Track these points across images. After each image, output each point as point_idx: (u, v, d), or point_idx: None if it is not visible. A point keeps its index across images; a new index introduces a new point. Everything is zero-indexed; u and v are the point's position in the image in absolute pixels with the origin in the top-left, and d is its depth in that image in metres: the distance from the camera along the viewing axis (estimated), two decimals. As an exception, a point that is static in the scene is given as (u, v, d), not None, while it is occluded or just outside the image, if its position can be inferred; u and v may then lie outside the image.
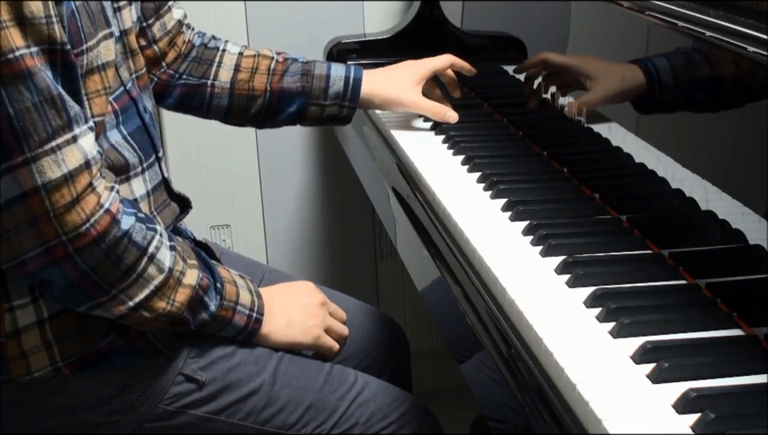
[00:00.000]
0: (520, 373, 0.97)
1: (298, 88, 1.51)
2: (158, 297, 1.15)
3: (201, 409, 1.23)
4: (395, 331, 1.60)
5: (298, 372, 1.29)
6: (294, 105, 1.52)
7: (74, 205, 1.07)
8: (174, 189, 1.34)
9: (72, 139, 1.08)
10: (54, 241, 1.08)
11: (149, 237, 1.14)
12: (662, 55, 1.18)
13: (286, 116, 1.53)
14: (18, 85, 1.03)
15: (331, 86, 1.52)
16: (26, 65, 1.03)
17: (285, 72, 1.51)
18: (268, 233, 2.31)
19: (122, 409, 1.21)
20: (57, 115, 1.06)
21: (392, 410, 1.33)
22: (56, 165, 1.06)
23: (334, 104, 1.53)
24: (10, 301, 1.16)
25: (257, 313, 1.27)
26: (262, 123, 1.55)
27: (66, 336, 1.17)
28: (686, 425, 0.82)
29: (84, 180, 1.08)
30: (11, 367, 1.17)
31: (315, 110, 1.53)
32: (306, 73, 1.51)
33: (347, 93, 1.52)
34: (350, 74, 1.53)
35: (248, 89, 1.50)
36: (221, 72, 1.51)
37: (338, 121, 1.56)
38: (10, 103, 1.03)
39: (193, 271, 1.19)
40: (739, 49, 1.02)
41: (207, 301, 1.20)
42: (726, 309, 1.01)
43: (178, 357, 1.23)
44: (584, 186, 1.33)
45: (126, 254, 1.12)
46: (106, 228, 1.10)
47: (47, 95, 1.05)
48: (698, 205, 1.10)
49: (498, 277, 1.09)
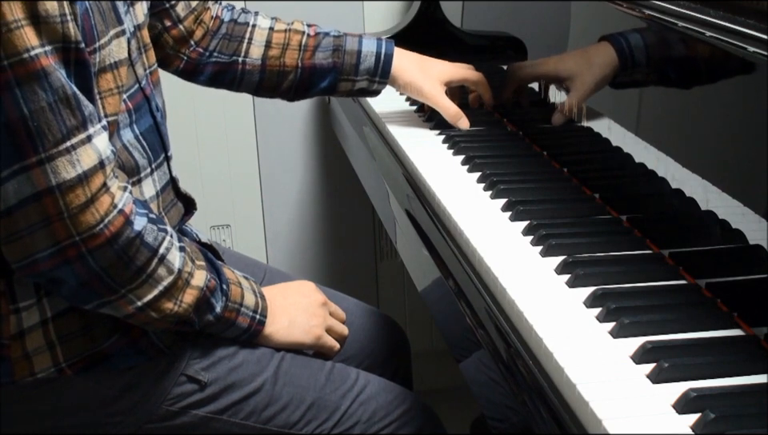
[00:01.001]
0: (520, 372, 0.97)
1: (330, 64, 1.52)
2: (166, 298, 1.15)
3: (203, 410, 1.23)
4: (396, 331, 1.60)
5: (300, 371, 1.30)
6: (326, 80, 1.53)
7: (88, 206, 1.07)
8: (180, 189, 1.35)
9: (86, 139, 1.07)
10: (66, 241, 1.07)
11: (160, 238, 1.14)
12: (636, 31, 1.18)
13: (318, 90, 1.55)
14: (32, 85, 1.03)
15: (362, 62, 1.53)
16: (41, 64, 1.03)
17: (316, 48, 1.52)
18: (268, 233, 2.31)
19: (125, 410, 1.21)
20: (71, 115, 1.06)
21: (393, 408, 1.33)
22: (71, 165, 1.06)
23: (364, 79, 1.55)
24: (16, 302, 1.16)
25: (260, 314, 1.27)
26: (294, 96, 1.57)
27: (69, 336, 1.17)
28: (686, 425, 0.82)
29: (98, 180, 1.08)
30: (15, 368, 1.17)
31: (346, 85, 1.55)
32: (337, 49, 1.52)
33: (378, 69, 1.54)
34: (381, 50, 1.54)
35: (280, 66, 1.51)
36: (252, 49, 1.51)
37: (369, 93, 1.58)
38: (25, 103, 1.03)
39: (201, 272, 1.19)
40: (739, 49, 1.02)
41: (213, 302, 1.20)
42: (725, 309, 1.01)
43: (181, 358, 1.23)
44: (584, 186, 1.34)
45: (138, 255, 1.12)
46: (120, 229, 1.09)
47: (62, 95, 1.05)
48: (698, 205, 1.10)
49: (498, 277, 1.09)
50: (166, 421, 1.23)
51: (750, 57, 1.00)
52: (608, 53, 1.18)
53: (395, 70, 1.55)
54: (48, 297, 1.16)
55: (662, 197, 1.18)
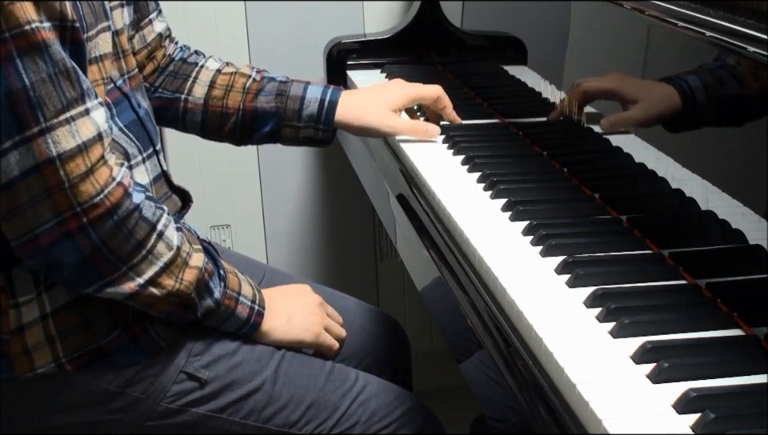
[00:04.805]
0: (520, 372, 0.97)
1: (272, 108, 1.47)
2: (166, 274, 1.16)
3: (203, 407, 1.24)
4: (396, 331, 1.60)
5: (300, 370, 1.30)
6: (267, 125, 1.48)
7: (87, 176, 1.09)
8: (173, 183, 1.35)
9: (85, 112, 1.09)
10: (68, 212, 1.09)
11: (158, 214, 1.16)
12: (692, 72, 1.16)
13: (261, 135, 1.49)
14: (33, 56, 1.05)
15: (305, 108, 1.47)
16: (41, 36, 1.05)
17: (259, 91, 1.48)
18: (268, 233, 2.31)
19: (124, 407, 1.21)
20: (71, 87, 1.08)
21: (393, 409, 1.34)
22: (70, 135, 1.08)
23: (308, 126, 1.48)
24: (15, 297, 1.16)
25: (258, 305, 1.28)
26: (239, 141, 1.52)
27: (69, 331, 1.17)
28: (686, 425, 0.82)
29: (97, 151, 1.10)
30: (15, 364, 1.17)
31: (290, 132, 1.49)
32: (280, 94, 1.47)
33: (321, 117, 1.47)
34: (325, 97, 1.48)
35: (221, 107, 1.48)
36: (195, 87, 1.49)
37: (316, 143, 1.50)
38: (26, 74, 1.05)
39: (199, 254, 1.20)
40: (739, 49, 1.02)
41: (212, 286, 1.21)
42: (726, 309, 1.01)
43: (181, 355, 1.23)
44: (584, 186, 1.34)
45: (137, 229, 1.13)
46: (119, 199, 1.11)
47: (62, 67, 1.07)
48: (698, 205, 1.10)
49: (498, 277, 1.09)
50: (166, 418, 1.23)
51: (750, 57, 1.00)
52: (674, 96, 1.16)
53: (344, 118, 1.47)
54: (47, 292, 1.17)
55: (661, 197, 1.18)
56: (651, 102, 1.23)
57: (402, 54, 2.07)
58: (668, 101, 1.17)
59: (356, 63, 2.07)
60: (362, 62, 2.07)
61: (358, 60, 2.07)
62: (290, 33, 2.18)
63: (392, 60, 2.05)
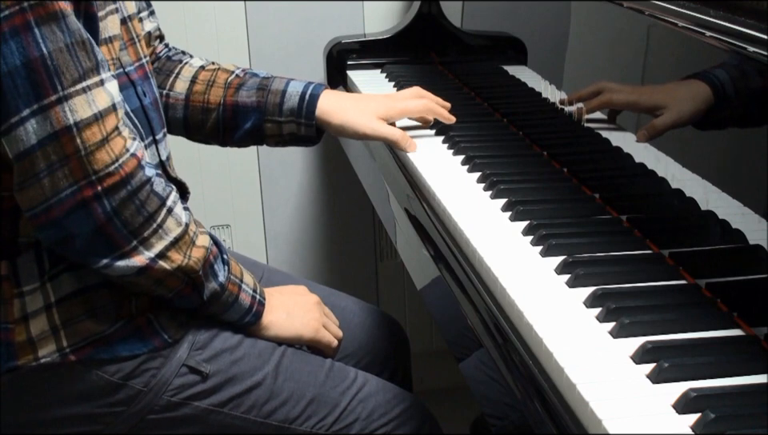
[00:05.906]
0: (520, 372, 0.97)
1: (253, 103, 1.46)
2: (175, 250, 1.17)
3: (204, 401, 1.24)
4: (396, 330, 1.60)
5: (300, 366, 1.30)
6: (249, 120, 1.46)
7: (103, 144, 1.11)
8: (171, 174, 1.35)
9: (100, 82, 1.12)
10: (83, 181, 1.10)
11: (167, 190, 1.18)
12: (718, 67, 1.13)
13: (244, 133, 1.48)
14: (51, 25, 1.07)
15: (286, 102, 1.45)
16: (59, 6, 1.07)
17: (240, 86, 1.47)
18: (268, 233, 2.31)
19: (126, 400, 1.21)
20: (87, 57, 1.10)
21: (392, 408, 1.34)
22: (87, 104, 1.10)
23: (289, 121, 1.45)
24: (20, 286, 1.17)
25: (260, 295, 1.29)
26: (223, 140, 1.50)
27: (73, 320, 1.18)
28: (686, 425, 0.82)
29: (112, 121, 1.12)
30: (18, 353, 1.17)
31: (272, 127, 1.47)
32: (262, 88, 1.46)
33: (302, 110, 1.45)
34: (307, 90, 1.46)
35: (203, 102, 1.47)
36: (177, 83, 1.48)
37: (301, 140, 1.48)
38: (44, 43, 1.07)
39: (204, 236, 1.22)
40: (739, 49, 1.02)
41: (217, 269, 1.22)
42: (725, 309, 1.01)
43: (183, 349, 1.23)
44: (584, 186, 1.34)
45: (149, 201, 1.14)
46: (133, 170, 1.13)
47: (78, 38, 1.09)
48: (698, 205, 1.10)
49: (498, 277, 1.09)
50: (168, 412, 1.23)
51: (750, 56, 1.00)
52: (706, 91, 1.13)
53: (324, 112, 1.45)
54: (52, 281, 1.17)
55: (661, 197, 1.18)
56: (680, 103, 1.21)
57: (402, 54, 2.07)
58: (699, 98, 1.14)
59: (356, 63, 2.07)
60: (362, 62, 2.07)
61: (358, 60, 2.07)
62: (290, 33, 2.18)
63: (392, 60, 2.05)
